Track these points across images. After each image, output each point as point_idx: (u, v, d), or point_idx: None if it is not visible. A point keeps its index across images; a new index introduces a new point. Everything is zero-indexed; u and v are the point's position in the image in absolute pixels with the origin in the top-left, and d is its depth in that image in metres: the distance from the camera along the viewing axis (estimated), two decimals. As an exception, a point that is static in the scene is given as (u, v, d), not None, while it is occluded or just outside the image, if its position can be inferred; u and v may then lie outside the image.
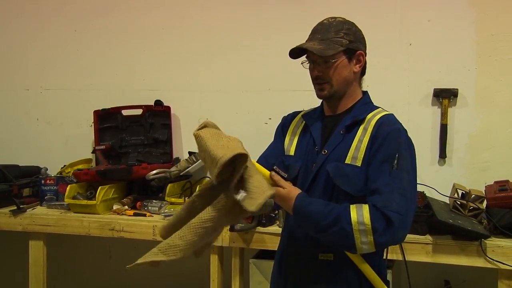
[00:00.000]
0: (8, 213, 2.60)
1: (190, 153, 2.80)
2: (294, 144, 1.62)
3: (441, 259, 2.05)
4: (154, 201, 2.59)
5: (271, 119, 2.75)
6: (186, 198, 2.59)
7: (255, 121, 2.85)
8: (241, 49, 2.90)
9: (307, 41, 1.54)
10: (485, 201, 2.20)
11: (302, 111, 1.72)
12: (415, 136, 1.55)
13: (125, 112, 2.97)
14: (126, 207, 2.62)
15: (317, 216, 1.40)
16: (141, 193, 2.74)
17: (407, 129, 1.51)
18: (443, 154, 2.56)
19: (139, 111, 2.95)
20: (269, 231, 2.24)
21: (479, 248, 1.98)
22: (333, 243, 1.43)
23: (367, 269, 1.46)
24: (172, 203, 2.56)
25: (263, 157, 1.69)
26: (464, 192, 2.25)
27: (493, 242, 2.00)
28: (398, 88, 2.64)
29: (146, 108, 2.93)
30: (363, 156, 1.45)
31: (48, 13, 3.21)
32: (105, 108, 2.98)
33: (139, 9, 3.07)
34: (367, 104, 1.59)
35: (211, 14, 2.95)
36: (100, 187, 2.56)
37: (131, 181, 2.76)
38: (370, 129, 1.48)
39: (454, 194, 2.25)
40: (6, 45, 3.30)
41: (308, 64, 1.55)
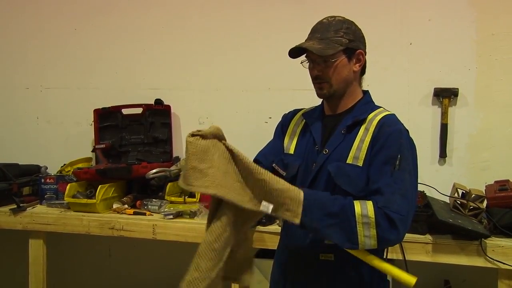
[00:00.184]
0: (8, 211, 2.60)
1: (190, 152, 2.80)
2: (294, 142, 1.62)
3: (441, 258, 2.05)
4: (154, 200, 2.59)
5: (271, 118, 2.75)
6: (186, 197, 2.59)
7: (255, 120, 2.85)
8: (241, 48, 2.90)
9: (306, 40, 1.53)
10: (485, 200, 2.19)
11: (302, 109, 1.71)
12: (415, 136, 1.54)
13: (125, 111, 2.97)
14: (126, 206, 2.62)
15: (323, 202, 1.36)
16: (141, 192, 2.74)
17: (408, 128, 1.51)
18: (443, 154, 2.56)
19: (139, 110, 2.95)
20: (269, 230, 2.24)
21: (479, 247, 1.98)
22: (336, 236, 1.35)
23: (373, 260, 1.40)
24: (172, 202, 2.56)
25: (262, 154, 1.69)
26: (464, 191, 2.24)
27: (493, 242, 2.00)
28: (398, 88, 2.64)
29: (146, 107, 2.93)
30: (364, 156, 1.45)
31: (48, 12, 3.21)
32: (105, 107, 2.97)
33: (139, 8, 3.06)
34: (368, 104, 1.59)
35: (211, 14, 2.94)
36: (100, 186, 2.56)
37: (131, 180, 2.76)
38: (372, 129, 1.48)
39: (454, 194, 2.25)
40: (6, 44, 3.30)
41: (308, 63, 1.55)
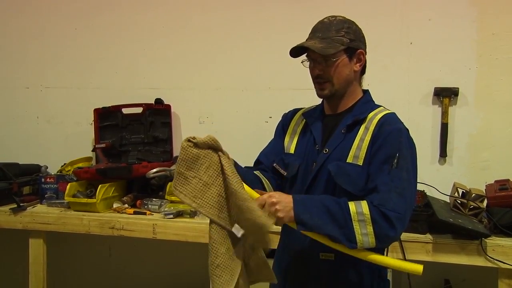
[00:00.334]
0: (8, 211, 2.60)
1: (190, 151, 2.80)
2: (294, 142, 1.62)
3: (441, 258, 2.05)
4: (154, 199, 2.59)
5: (271, 117, 2.75)
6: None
7: (255, 119, 2.85)
8: (242, 48, 2.89)
9: (307, 39, 1.53)
10: (485, 200, 2.20)
11: (302, 108, 1.71)
12: (415, 135, 1.55)
13: (125, 111, 2.97)
14: (126, 205, 2.61)
15: (320, 200, 1.38)
16: (141, 191, 2.74)
17: (408, 128, 1.51)
18: (443, 153, 2.56)
19: (139, 110, 2.95)
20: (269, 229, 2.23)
21: (479, 247, 1.98)
22: (335, 234, 1.35)
23: (377, 258, 1.38)
24: (172, 201, 2.56)
25: (263, 153, 1.69)
26: (464, 191, 2.24)
27: (493, 241, 2.00)
28: (399, 87, 2.64)
29: (147, 106, 2.93)
30: (364, 155, 1.45)
31: (48, 12, 3.21)
32: (105, 106, 2.97)
33: (139, 7, 3.06)
34: (368, 103, 1.59)
35: (211, 13, 2.94)
36: (100, 186, 2.56)
37: (131, 179, 2.76)
38: (372, 128, 1.48)
39: (455, 193, 2.25)
40: (6, 43, 3.30)
41: (308, 63, 1.55)
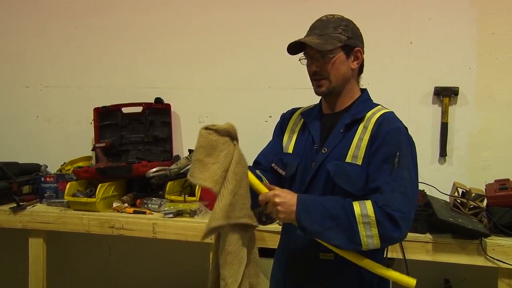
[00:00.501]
0: (7, 210, 2.60)
1: (190, 150, 2.80)
2: (293, 142, 1.62)
3: (441, 257, 2.05)
4: (154, 199, 2.59)
5: (271, 117, 2.75)
6: (186, 196, 2.59)
7: (255, 119, 2.85)
8: (242, 47, 2.89)
9: (305, 36, 1.54)
10: (485, 199, 2.20)
11: (300, 108, 1.71)
12: (415, 135, 1.55)
13: (125, 110, 2.97)
14: (126, 204, 2.61)
15: (323, 205, 1.37)
16: (141, 190, 2.74)
17: (408, 127, 1.51)
18: (443, 153, 2.56)
19: (139, 109, 2.95)
20: (269, 229, 2.23)
21: (479, 246, 1.98)
22: (338, 239, 1.36)
23: (369, 264, 1.40)
24: (172, 200, 2.56)
25: (262, 154, 1.69)
26: (464, 190, 2.24)
27: (493, 241, 2.00)
28: (399, 87, 2.64)
29: (146, 105, 2.93)
30: (363, 154, 1.45)
31: (48, 11, 3.21)
32: (105, 105, 2.97)
33: (139, 7, 3.06)
34: (367, 102, 1.59)
35: (211, 12, 2.94)
36: (100, 185, 2.56)
37: (131, 178, 2.76)
38: (370, 127, 1.48)
39: (455, 193, 2.25)
40: (6, 43, 3.29)
41: (306, 60, 1.55)
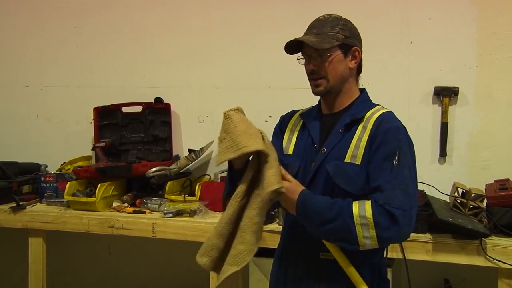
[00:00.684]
0: (7, 210, 2.60)
1: (190, 150, 2.80)
2: (293, 143, 1.62)
3: (441, 257, 2.05)
4: (154, 198, 2.59)
5: (271, 117, 2.74)
6: (186, 195, 2.59)
7: (255, 119, 2.77)
8: (241, 47, 2.89)
9: (303, 35, 1.54)
10: (485, 199, 2.19)
11: (300, 110, 1.71)
12: (415, 135, 1.55)
13: (125, 109, 2.97)
14: (126, 204, 2.61)
15: (320, 209, 1.39)
16: (141, 190, 2.74)
17: (408, 127, 1.51)
18: (443, 153, 2.56)
19: (139, 108, 2.95)
20: (269, 229, 2.23)
21: (479, 247, 1.98)
22: (335, 239, 1.41)
23: (352, 272, 1.45)
24: (172, 200, 2.56)
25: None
26: (464, 190, 2.24)
27: (493, 241, 2.00)
28: (399, 87, 2.63)
29: (146, 105, 2.93)
30: (362, 154, 1.45)
31: (48, 10, 3.21)
32: (105, 105, 2.97)
33: (139, 6, 3.06)
34: (366, 102, 1.59)
35: (211, 11, 2.94)
36: (99, 184, 2.56)
37: (131, 178, 2.76)
38: (370, 127, 1.47)
39: (454, 193, 2.25)
40: (6, 42, 3.29)
41: (304, 60, 1.55)
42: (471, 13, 2.53)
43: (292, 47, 1.53)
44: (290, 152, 1.60)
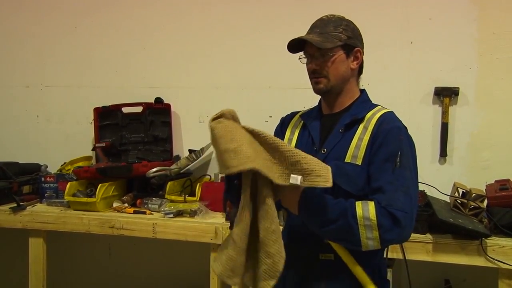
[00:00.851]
0: (8, 210, 2.60)
1: (190, 150, 2.80)
2: (293, 144, 1.62)
3: (442, 258, 2.05)
4: (154, 198, 2.59)
5: (271, 117, 2.74)
6: (186, 196, 2.59)
7: (255, 119, 2.81)
8: (242, 47, 2.89)
9: (305, 34, 1.54)
10: (485, 200, 2.19)
11: (300, 111, 1.71)
12: (415, 135, 1.54)
13: (125, 110, 2.97)
14: (126, 204, 2.61)
15: (323, 209, 1.38)
16: (141, 190, 2.74)
17: (408, 127, 1.51)
18: (443, 153, 2.55)
19: (139, 109, 2.95)
20: (269, 229, 2.23)
21: (480, 247, 1.98)
22: (337, 238, 1.40)
23: (359, 271, 1.44)
24: (172, 200, 2.56)
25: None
26: (464, 191, 2.24)
27: (493, 241, 2.00)
28: (399, 87, 2.63)
29: (147, 105, 2.93)
30: (363, 154, 1.45)
31: (48, 10, 3.21)
32: (105, 105, 2.97)
33: (139, 6, 3.06)
34: (366, 102, 1.59)
35: (211, 11, 2.94)
36: (100, 185, 2.56)
37: (131, 178, 2.76)
38: (371, 127, 1.47)
39: (455, 193, 2.25)
40: (6, 42, 3.29)
41: (306, 59, 1.55)
42: (471, 13, 2.53)
43: (295, 46, 1.53)
44: (291, 153, 1.60)
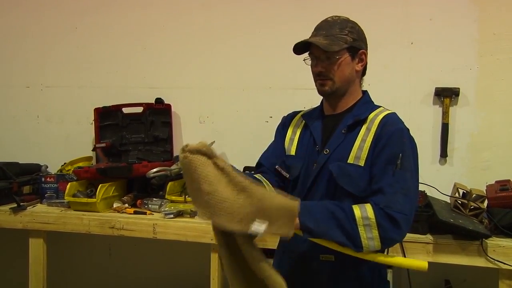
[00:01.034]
0: (8, 210, 2.60)
1: (190, 151, 2.80)
2: (295, 144, 1.62)
3: (442, 258, 2.05)
4: (154, 199, 2.59)
5: (272, 117, 2.74)
6: (187, 196, 2.59)
7: (255, 119, 2.85)
8: (242, 47, 2.89)
9: (311, 37, 1.53)
10: (486, 200, 2.19)
11: (302, 111, 1.71)
12: (416, 135, 1.54)
13: (126, 110, 2.97)
14: (127, 205, 2.61)
15: (322, 221, 1.35)
16: (142, 191, 2.73)
17: (408, 128, 1.51)
18: (444, 153, 2.55)
19: (139, 109, 2.95)
20: (269, 229, 2.23)
21: (480, 247, 1.98)
22: (339, 244, 1.37)
23: (385, 259, 1.40)
24: (172, 201, 2.56)
25: (264, 157, 1.68)
26: (465, 191, 2.24)
27: (494, 242, 2.00)
28: (400, 87, 2.63)
29: (147, 106, 2.93)
30: (366, 156, 1.45)
31: (49, 10, 3.20)
32: (105, 105, 2.97)
33: (139, 6, 3.06)
34: (368, 103, 1.59)
35: (211, 11, 2.94)
36: (100, 185, 2.56)
37: (131, 179, 2.75)
38: (374, 129, 1.48)
39: (455, 194, 2.25)
40: (6, 42, 3.29)
41: (311, 61, 1.55)
42: (472, 13, 2.53)
43: (299, 47, 1.53)
44: (293, 153, 1.60)
